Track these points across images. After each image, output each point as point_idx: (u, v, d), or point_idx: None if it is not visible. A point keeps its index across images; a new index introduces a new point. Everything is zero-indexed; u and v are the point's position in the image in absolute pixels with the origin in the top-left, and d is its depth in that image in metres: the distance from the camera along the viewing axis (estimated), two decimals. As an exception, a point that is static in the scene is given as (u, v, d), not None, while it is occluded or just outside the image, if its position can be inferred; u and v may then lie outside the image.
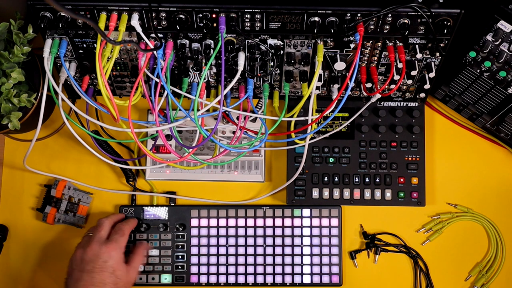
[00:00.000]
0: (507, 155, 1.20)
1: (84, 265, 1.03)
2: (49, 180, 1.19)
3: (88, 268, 1.02)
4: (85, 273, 1.02)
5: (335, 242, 1.16)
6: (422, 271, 1.17)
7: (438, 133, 1.21)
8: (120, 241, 1.07)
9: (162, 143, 1.17)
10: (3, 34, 1.00)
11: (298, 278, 1.15)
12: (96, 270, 1.02)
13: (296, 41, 1.00)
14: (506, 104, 1.09)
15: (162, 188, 1.20)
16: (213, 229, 1.16)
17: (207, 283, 1.15)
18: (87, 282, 1.01)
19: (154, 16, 0.95)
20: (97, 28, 0.81)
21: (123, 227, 1.10)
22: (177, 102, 1.00)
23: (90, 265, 1.02)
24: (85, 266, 1.02)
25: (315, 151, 1.16)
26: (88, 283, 1.01)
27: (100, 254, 1.03)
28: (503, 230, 1.18)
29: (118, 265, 1.04)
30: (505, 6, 0.95)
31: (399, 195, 1.16)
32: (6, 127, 1.03)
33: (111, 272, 1.03)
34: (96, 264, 1.02)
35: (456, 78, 1.10)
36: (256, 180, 1.19)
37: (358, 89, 1.14)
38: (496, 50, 1.01)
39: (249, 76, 1.07)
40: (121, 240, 1.07)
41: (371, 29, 0.97)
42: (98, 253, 1.03)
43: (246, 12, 0.94)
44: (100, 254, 1.03)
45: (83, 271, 1.02)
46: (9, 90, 1.00)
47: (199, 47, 1.01)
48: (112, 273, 1.03)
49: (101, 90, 0.94)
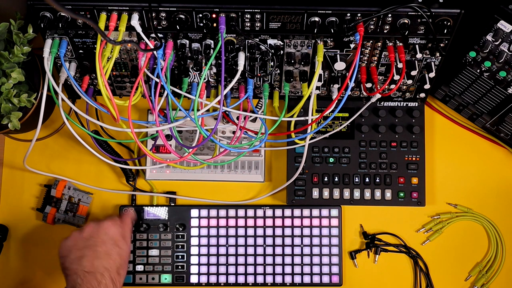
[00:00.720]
0: (507, 155, 1.20)
1: (84, 242, 0.98)
2: (49, 180, 1.19)
3: (89, 243, 0.98)
4: (87, 248, 0.97)
5: (335, 242, 1.16)
6: (422, 271, 1.17)
7: (438, 133, 1.21)
8: (116, 219, 1.04)
9: (162, 143, 1.17)
10: (3, 34, 1.00)
11: (298, 278, 1.15)
12: (99, 244, 0.97)
13: (296, 41, 1.00)
14: (506, 104, 1.09)
15: (162, 188, 1.20)
16: (213, 229, 1.16)
17: (207, 283, 1.15)
18: (91, 257, 0.96)
19: (154, 16, 0.95)
20: (97, 28, 0.81)
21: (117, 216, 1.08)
22: (177, 102, 1.00)
23: (91, 240, 0.98)
24: (85, 242, 0.98)
25: (315, 151, 1.16)
26: (92, 257, 0.96)
27: (99, 229, 1.00)
28: (503, 230, 1.18)
29: (119, 236, 1.01)
30: (505, 6, 0.95)
31: (399, 195, 1.16)
32: (6, 127, 1.03)
33: (113, 243, 0.99)
34: (98, 238, 0.98)
35: (456, 78, 1.10)
36: (256, 180, 1.19)
37: (358, 89, 1.14)
38: (496, 50, 1.01)
39: (249, 76, 1.07)
40: (117, 219, 1.04)
41: (371, 29, 0.97)
42: (98, 228, 1.00)
43: (246, 12, 0.94)
44: (99, 228, 1.00)
45: (84, 248, 0.97)
46: (9, 90, 1.00)
47: (199, 47, 1.01)
48: (115, 244, 0.99)
49: (101, 90, 0.94)
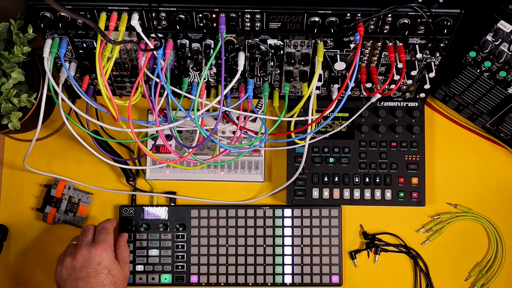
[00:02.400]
0: (507, 155, 1.20)
1: (77, 273, 0.99)
2: (49, 180, 1.19)
3: (82, 274, 0.99)
4: (80, 280, 0.98)
5: (335, 242, 1.16)
6: (422, 271, 1.17)
7: (438, 133, 1.21)
8: (107, 239, 1.03)
9: (162, 143, 1.17)
10: (3, 34, 1.00)
11: (298, 278, 1.15)
12: (91, 275, 0.98)
13: (296, 41, 1.00)
14: (506, 104, 1.08)
15: (162, 188, 1.20)
16: (213, 229, 1.16)
17: (207, 283, 1.15)
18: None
19: (154, 16, 0.95)
20: (97, 28, 0.81)
21: (105, 225, 1.06)
22: (177, 102, 1.00)
23: (83, 271, 0.99)
24: (78, 273, 0.99)
25: (315, 151, 1.16)
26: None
27: (91, 258, 1.00)
28: (503, 230, 1.18)
29: (112, 264, 1.01)
30: (505, 6, 0.95)
31: (399, 195, 1.16)
32: (6, 127, 1.03)
33: (106, 273, 1.00)
34: (90, 268, 0.99)
35: (456, 78, 1.10)
36: (256, 180, 1.19)
37: (358, 89, 1.14)
38: (496, 50, 1.01)
39: (249, 76, 1.07)
40: (108, 238, 1.04)
41: (371, 29, 0.97)
42: (89, 257, 1.00)
43: (246, 12, 0.94)
44: (91, 257, 1.00)
45: (78, 279, 0.99)
46: (9, 90, 1.00)
47: (199, 47, 1.01)
48: (108, 273, 1.00)
49: (101, 90, 0.94)
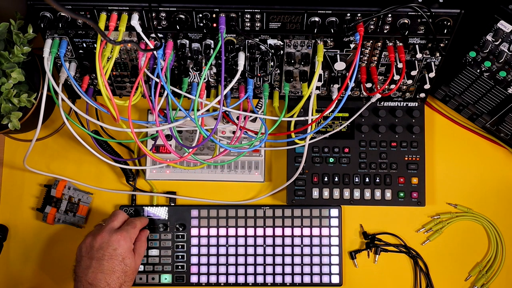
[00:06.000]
0: (507, 155, 1.20)
1: (93, 253, 1.03)
2: (49, 180, 1.19)
3: (97, 255, 1.02)
4: (95, 260, 1.02)
5: (335, 242, 1.16)
6: (422, 271, 1.17)
7: (438, 133, 1.21)
8: (131, 232, 1.07)
9: (162, 143, 1.17)
10: (3, 34, 1.00)
11: (298, 278, 1.15)
12: (106, 258, 1.02)
13: (296, 41, 1.00)
14: (506, 104, 1.08)
15: (162, 188, 1.20)
16: (213, 229, 1.16)
17: (207, 283, 1.15)
18: (96, 269, 1.01)
19: (154, 16, 0.95)
20: (97, 28, 0.81)
21: (135, 221, 1.10)
22: (177, 102, 1.00)
23: (99, 252, 1.02)
24: (94, 253, 1.03)
25: (315, 151, 1.16)
26: (97, 270, 1.01)
27: (110, 242, 1.03)
28: (503, 230, 1.18)
29: (127, 253, 1.04)
30: (505, 6, 0.95)
31: (399, 195, 1.16)
32: (6, 127, 1.03)
33: (120, 260, 1.03)
34: (106, 251, 1.02)
35: (456, 78, 1.10)
36: (256, 180, 1.19)
37: (358, 89, 1.14)
38: (496, 50, 1.01)
39: (249, 76, 1.07)
40: (132, 231, 1.07)
41: (371, 29, 0.97)
42: (108, 240, 1.03)
43: (246, 12, 0.94)
44: (110, 241, 1.03)
45: (93, 258, 1.02)
46: (9, 90, 1.00)
47: (199, 47, 1.01)
48: (122, 261, 1.03)
49: (101, 90, 0.94)
